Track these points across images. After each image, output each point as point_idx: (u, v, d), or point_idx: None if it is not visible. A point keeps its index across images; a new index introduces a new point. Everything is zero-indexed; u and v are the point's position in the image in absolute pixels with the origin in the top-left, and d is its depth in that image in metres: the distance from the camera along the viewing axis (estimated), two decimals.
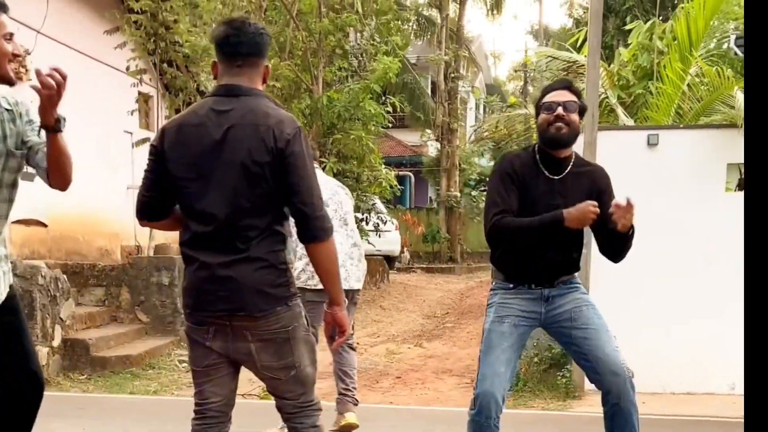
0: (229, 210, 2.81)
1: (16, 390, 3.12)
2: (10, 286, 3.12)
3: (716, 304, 6.41)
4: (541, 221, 3.60)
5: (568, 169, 3.80)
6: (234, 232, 2.82)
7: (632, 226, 3.55)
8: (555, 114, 3.68)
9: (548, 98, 3.77)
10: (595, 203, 3.48)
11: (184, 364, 7.86)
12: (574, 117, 3.71)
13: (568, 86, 3.83)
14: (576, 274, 3.92)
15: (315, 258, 2.91)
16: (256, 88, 2.93)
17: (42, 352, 6.95)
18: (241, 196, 2.81)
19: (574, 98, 3.75)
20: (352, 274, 5.24)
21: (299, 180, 2.82)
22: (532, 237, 3.66)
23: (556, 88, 3.81)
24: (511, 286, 3.83)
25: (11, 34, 2.98)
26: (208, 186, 2.83)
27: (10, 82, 3.03)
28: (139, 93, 10.85)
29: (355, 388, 5.27)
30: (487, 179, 3.70)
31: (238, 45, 2.90)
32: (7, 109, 3.03)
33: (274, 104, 2.94)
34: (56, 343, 7.35)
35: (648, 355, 6.26)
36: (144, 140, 10.20)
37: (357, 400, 5.29)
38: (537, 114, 3.84)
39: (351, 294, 5.17)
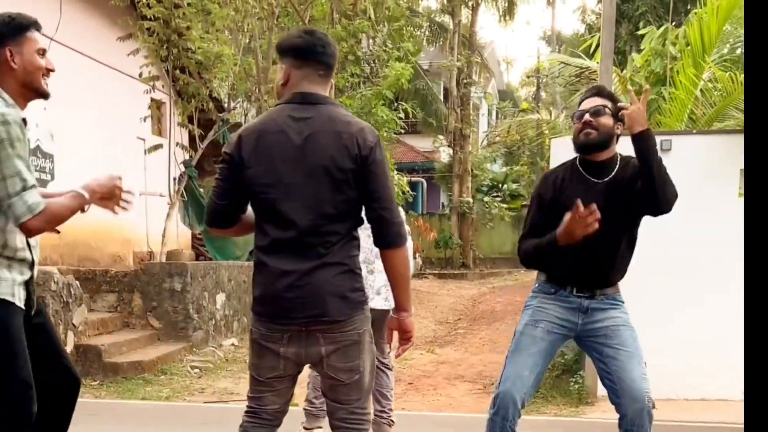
0: (312, 216, 2.85)
1: (54, 387, 3.24)
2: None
3: (731, 311, 6.36)
4: (541, 243, 3.70)
5: (614, 171, 3.80)
6: (316, 238, 2.86)
7: (648, 130, 3.54)
8: (583, 121, 3.75)
9: (579, 109, 3.85)
10: (578, 212, 3.45)
11: (196, 370, 7.88)
12: (604, 120, 3.74)
13: (598, 92, 3.89)
14: (620, 289, 3.89)
15: (390, 263, 2.95)
16: (331, 98, 3.01)
17: None
18: (325, 202, 2.85)
19: (603, 102, 3.78)
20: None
21: (381, 187, 2.88)
22: (547, 255, 3.74)
23: (587, 96, 3.89)
24: (553, 290, 3.84)
25: (44, 50, 3.15)
26: (289, 192, 2.86)
27: (45, 96, 3.21)
28: (152, 99, 10.90)
29: (391, 410, 5.26)
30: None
31: (323, 55, 2.96)
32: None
33: (349, 114, 3.00)
34: (69, 348, 7.37)
35: (662, 359, 6.23)
36: (156, 146, 10.25)
37: (392, 422, 5.28)
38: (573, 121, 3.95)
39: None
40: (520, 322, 3.88)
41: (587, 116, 3.74)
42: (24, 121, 3.05)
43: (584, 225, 3.45)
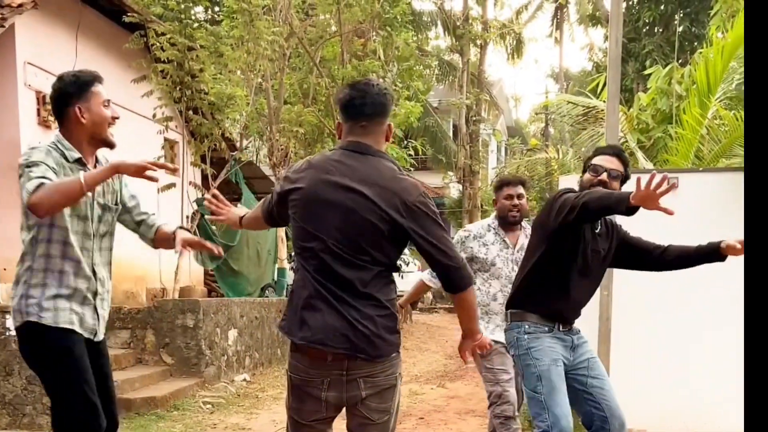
0: (355, 259, 2.92)
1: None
2: None
3: (736, 350, 6.38)
4: (611, 194, 3.66)
5: (605, 222, 4.10)
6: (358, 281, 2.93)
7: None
8: (599, 178, 3.91)
9: (598, 160, 3.97)
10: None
11: (209, 406, 7.92)
12: (615, 185, 3.93)
13: (619, 154, 4.03)
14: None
15: (462, 304, 3.04)
16: (381, 149, 3.08)
17: None
18: (369, 246, 2.92)
19: (620, 167, 3.94)
20: None
21: (436, 239, 2.93)
22: (610, 207, 3.62)
23: (607, 153, 4.02)
24: (547, 329, 4.01)
25: (108, 101, 3.39)
26: (334, 234, 2.92)
27: (111, 146, 3.48)
28: (165, 139, 11.05)
29: None
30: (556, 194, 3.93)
31: (362, 106, 3.03)
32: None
33: (397, 167, 3.07)
34: None
35: (670, 395, 6.26)
36: (170, 185, 10.38)
37: None
38: (584, 170, 4.06)
39: None
40: (536, 363, 3.99)
41: (605, 175, 3.89)
42: (80, 161, 3.36)
43: (657, 197, 3.32)
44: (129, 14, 9.85)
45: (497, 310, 4.98)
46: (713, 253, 4.07)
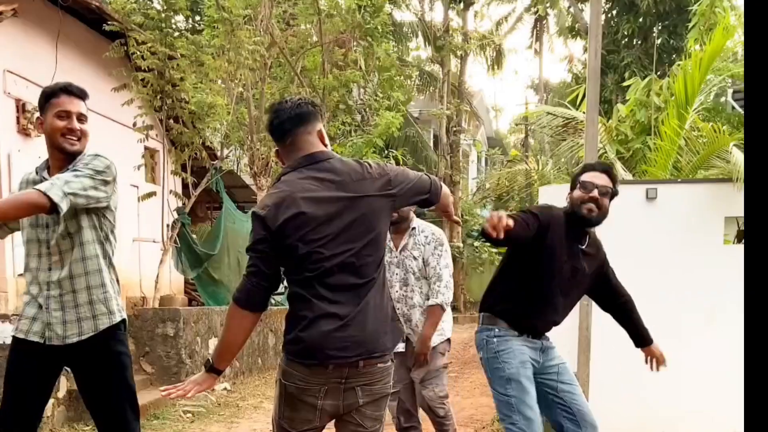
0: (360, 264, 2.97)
1: None
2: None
3: (718, 359, 6.44)
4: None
5: (588, 240, 4.13)
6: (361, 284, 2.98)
7: None
8: (590, 195, 3.93)
9: (587, 177, 4.00)
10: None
11: (189, 415, 7.89)
12: (606, 202, 3.99)
13: (608, 170, 4.07)
14: None
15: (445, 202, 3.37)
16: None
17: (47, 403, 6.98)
18: (375, 240, 3.01)
19: (610, 184, 3.98)
20: None
21: (414, 176, 3.19)
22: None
23: (596, 170, 4.05)
24: (516, 333, 4.02)
25: (66, 112, 3.50)
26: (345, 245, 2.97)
27: (65, 152, 3.55)
28: (146, 148, 11.03)
29: None
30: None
31: (282, 125, 3.05)
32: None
33: (356, 160, 3.15)
34: (61, 394, 7.38)
35: (648, 404, 6.32)
36: (150, 194, 10.36)
37: None
38: (572, 187, 4.08)
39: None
40: (507, 364, 4.01)
41: (596, 192, 3.92)
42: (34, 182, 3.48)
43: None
44: (109, 23, 9.84)
45: None
46: (640, 342, 4.46)
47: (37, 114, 3.56)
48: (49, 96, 3.51)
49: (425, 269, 5.16)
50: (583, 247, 4.07)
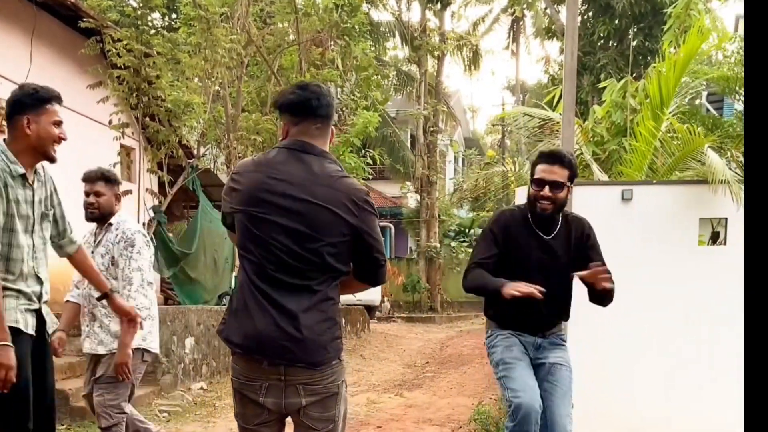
0: (300, 264, 2.89)
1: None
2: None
3: (694, 358, 6.49)
4: (488, 285, 3.96)
5: (558, 227, 4.11)
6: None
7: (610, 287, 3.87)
8: (542, 193, 3.96)
9: (539, 172, 4.02)
10: (519, 288, 3.71)
11: (165, 414, 7.85)
12: (561, 194, 4.00)
13: (560, 160, 4.04)
14: (563, 327, 4.29)
15: (354, 286, 3.14)
16: (326, 150, 3.04)
17: None
18: (315, 250, 2.89)
19: (562, 176, 3.98)
20: None
21: (377, 235, 3.01)
22: (485, 295, 4.15)
23: (548, 162, 4.03)
24: (508, 332, 4.12)
25: (60, 122, 3.57)
26: (280, 240, 2.89)
27: (52, 161, 3.64)
28: (121, 146, 10.96)
29: None
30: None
31: (319, 108, 2.98)
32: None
33: (340, 167, 3.04)
34: None
35: (620, 407, 6.36)
36: (126, 192, 10.26)
37: None
38: (531, 176, 4.11)
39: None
40: (494, 356, 4.15)
41: (546, 189, 3.94)
42: (24, 176, 3.49)
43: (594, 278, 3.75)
44: (85, 20, 9.76)
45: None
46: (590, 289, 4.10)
47: (16, 113, 3.50)
48: (46, 101, 3.53)
49: (114, 269, 4.87)
50: (550, 237, 4.08)
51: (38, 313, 3.63)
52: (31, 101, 3.51)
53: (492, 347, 4.18)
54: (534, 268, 4.02)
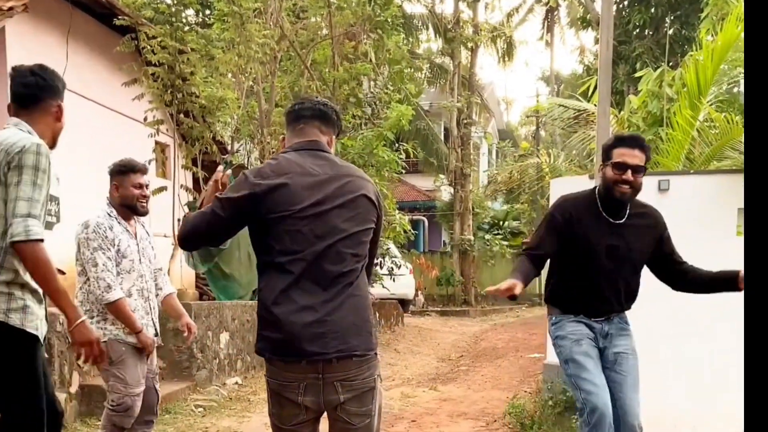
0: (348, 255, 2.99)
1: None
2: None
3: (732, 354, 6.38)
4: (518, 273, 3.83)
5: (627, 212, 4.03)
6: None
7: None
8: (623, 177, 3.86)
9: (620, 155, 3.92)
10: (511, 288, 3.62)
11: (200, 409, 7.91)
12: (640, 180, 3.94)
13: (640, 145, 3.98)
14: (627, 313, 4.21)
15: None
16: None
17: (60, 398, 7.00)
18: (362, 239, 3.04)
19: (642, 159, 3.93)
20: None
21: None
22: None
23: (629, 145, 3.95)
24: (573, 317, 4.07)
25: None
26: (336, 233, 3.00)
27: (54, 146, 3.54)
28: (156, 143, 11.03)
29: None
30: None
31: (339, 122, 3.25)
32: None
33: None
34: (74, 389, 7.40)
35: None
36: (161, 189, 10.36)
37: None
38: (604, 159, 4.01)
39: None
40: (562, 348, 4.10)
41: (629, 173, 3.86)
42: None
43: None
44: (120, 17, 9.83)
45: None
46: (730, 282, 4.16)
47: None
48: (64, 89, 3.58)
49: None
50: (621, 221, 4.01)
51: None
52: (63, 88, 3.60)
53: (559, 339, 4.10)
54: (603, 253, 3.96)
